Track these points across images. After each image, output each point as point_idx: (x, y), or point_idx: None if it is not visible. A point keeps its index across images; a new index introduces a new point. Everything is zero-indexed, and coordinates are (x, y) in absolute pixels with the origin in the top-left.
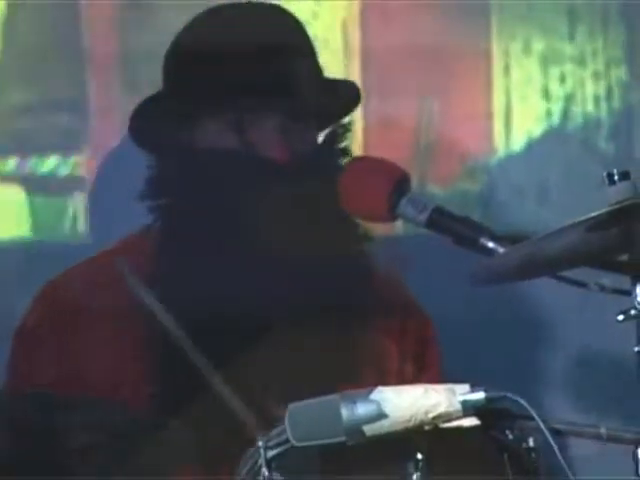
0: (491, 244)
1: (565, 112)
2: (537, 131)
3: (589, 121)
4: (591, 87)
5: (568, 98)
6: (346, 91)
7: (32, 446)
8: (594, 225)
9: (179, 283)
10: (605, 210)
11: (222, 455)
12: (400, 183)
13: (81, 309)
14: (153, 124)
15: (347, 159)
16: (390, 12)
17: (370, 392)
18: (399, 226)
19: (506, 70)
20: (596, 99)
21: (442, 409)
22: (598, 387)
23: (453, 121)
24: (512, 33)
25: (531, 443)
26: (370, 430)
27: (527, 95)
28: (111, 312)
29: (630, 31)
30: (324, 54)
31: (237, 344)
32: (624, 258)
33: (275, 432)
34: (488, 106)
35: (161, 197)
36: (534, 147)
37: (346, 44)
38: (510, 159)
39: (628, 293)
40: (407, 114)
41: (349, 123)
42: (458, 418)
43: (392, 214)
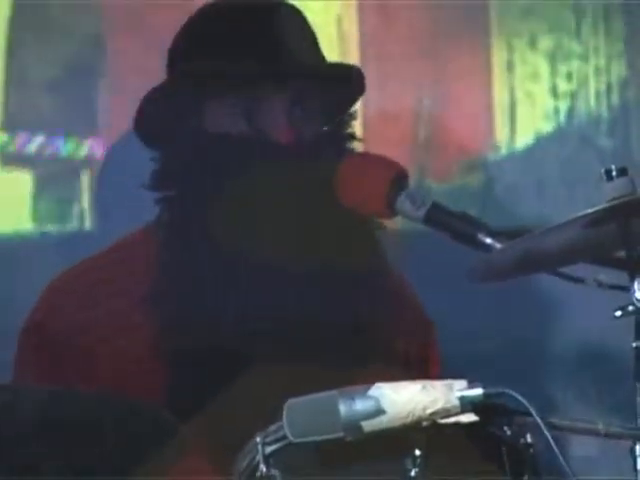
0: (489, 240)
1: (559, 109)
2: (536, 128)
3: (588, 117)
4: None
5: (565, 95)
6: (350, 75)
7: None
8: (592, 221)
9: (186, 274)
10: (603, 206)
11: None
12: (398, 179)
13: (90, 305)
14: (159, 115)
15: (353, 144)
16: (389, 5)
17: (368, 388)
18: (397, 222)
19: (509, 65)
20: (597, 95)
21: (440, 405)
22: (596, 383)
23: (452, 116)
24: (513, 28)
25: (529, 439)
26: (368, 426)
27: (528, 91)
28: (120, 308)
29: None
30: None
31: (246, 332)
32: (622, 254)
33: (273, 428)
34: (487, 101)
35: (168, 189)
36: (532, 143)
37: (343, 38)
38: (508, 155)
39: (626, 289)
40: (406, 109)
41: (354, 111)
42: (456, 414)
43: (390, 210)
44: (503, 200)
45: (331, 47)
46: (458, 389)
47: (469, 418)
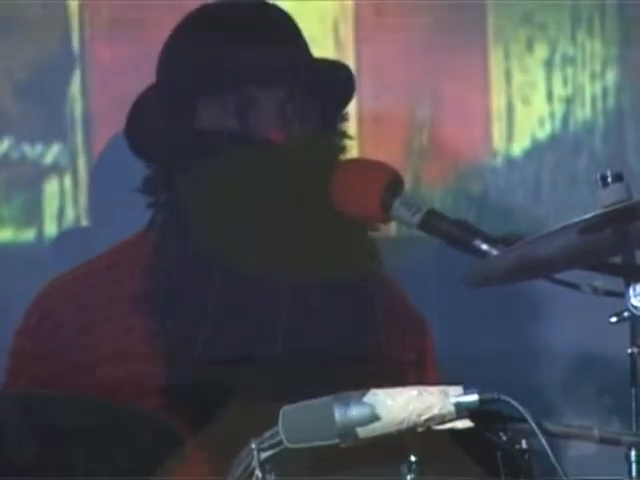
0: (484, 246)
1: (555, 114)
2: (531, 134)
3: (583, 123)
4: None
5: (561, 100)
6: (339, 73)
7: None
8: (587, 227)
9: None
10: (599, 212)
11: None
12: (393, 185)
13: (83, 309)
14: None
15: (346, 143)
16: (384, 10)
17: (363, 394)
18: (392, 228)
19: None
20: (593, 100)
21: (435, 411)
22: (591, 389)
23: (448, 122)
24: (510, 34)
25: (524, 445)
26: (363, 432)
27: (524, 96)
28: (114, 313)
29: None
30: (315, 53)
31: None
32: (617, 260)
33: (268, 434)
34: (483, 107)
35: (160, 192)
36: (527, 149)
37: (339, 42)
38: (503, 161)
39: (621, 295)
40: (402, 115)
41: (347, 113)
42: (451, 420)
43: (385, 216)
44: (499, 206)
45: (327, 52)
46: (454, 395)
47: (465, 424)
